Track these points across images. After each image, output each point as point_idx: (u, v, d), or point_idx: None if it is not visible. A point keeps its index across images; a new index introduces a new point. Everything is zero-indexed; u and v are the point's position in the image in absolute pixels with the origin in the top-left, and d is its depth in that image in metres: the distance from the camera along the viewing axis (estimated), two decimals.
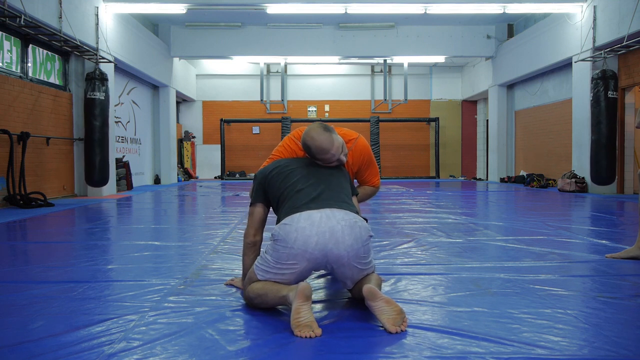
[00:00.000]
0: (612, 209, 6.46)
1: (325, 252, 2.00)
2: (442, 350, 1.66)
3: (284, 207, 2.18)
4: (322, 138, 2.27)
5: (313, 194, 2.17)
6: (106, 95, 8.64)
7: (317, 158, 2.32)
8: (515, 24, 13.10)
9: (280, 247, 2.03)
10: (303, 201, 2.14)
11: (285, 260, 2.03)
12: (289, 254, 2.01)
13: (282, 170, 2.31)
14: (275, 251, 2.05)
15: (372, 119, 15.90)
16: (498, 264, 2.99)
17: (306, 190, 2.19)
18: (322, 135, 2.28)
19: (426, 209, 6.33)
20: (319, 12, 10.81)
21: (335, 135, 2.31)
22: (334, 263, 2.03)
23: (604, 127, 8.59)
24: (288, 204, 2.17)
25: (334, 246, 2.00)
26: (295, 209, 2.12)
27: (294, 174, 2.28)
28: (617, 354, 1.64)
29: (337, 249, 2.00)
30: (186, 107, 16.49)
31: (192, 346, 1.71)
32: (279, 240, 2.05)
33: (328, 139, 2.28)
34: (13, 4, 6.33)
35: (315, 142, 2.27)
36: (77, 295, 2.36)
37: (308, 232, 2.00)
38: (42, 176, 7.89)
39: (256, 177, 2.38)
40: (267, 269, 2.08)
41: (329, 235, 2.00)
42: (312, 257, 2.01)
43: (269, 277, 2.07)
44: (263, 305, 2.06)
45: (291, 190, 2.21)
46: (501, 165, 13.77)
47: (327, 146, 2.27)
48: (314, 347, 1.70)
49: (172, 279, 2.65)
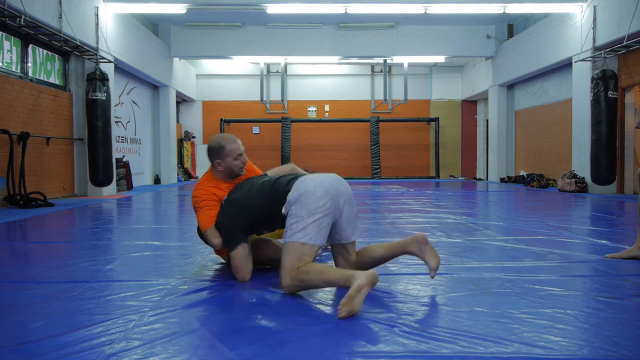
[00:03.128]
0: (612, 209, 6.46)
1: (337, 189, 2.40)
2: (442, 350, 1.66)
3: (275, 200, 2.47)
4: (223, 134, 2.75)
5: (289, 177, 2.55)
6: (107, 96, 8.65)
7: (229, 149, 2.65)
8: (515, 24, 13.10)
9: (305, 199, 2.32)
10: (288, 178, 2.51)
11: (315, 205, 2.30)
12: (316, 198, 2.32)
13: (243, 198, 2.54)
14: (303, 206, 2.31)
15: (372, 119, 15.90)
16: (498, 264, 2.99)
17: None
18: (223, 134, 2.76)
19: (426, 209, 6.32)
20: (319, 12, 10.82)
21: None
22: (345, 199, 2.40)
23: (604, 127, 8.59)
24: (278, 192, 2.47)
25: (340, 185, 2.43)
26: (291, 181, 2.47)
27: (254, 192, 2.56)
28: (617, 354, 1.64)
29: (344, 188, 2.44)
30: (186, 107, 16.49)
31: (192, 346, 1.71)
32: (302, 195, 2.33)
33: (228, 134, 2.76)
34: (13, 4, 6.33)
35: (223, 136, 2.71)
36: (77, 295, 2.36)
37: (319, 179, 2.40)
38: (42, 176, 7.89)
39: (223, 224, 2.54)
40: (309, 230, 2.27)
41: (334, 179, 2.44)
42: (331, 193, 2.36)
43: (314, 239, 2.28)
44: (313, 284, 2.23)
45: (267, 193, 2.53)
46: (501, 165, 13.77)
47: (231, 136, 2.72)
48: (319, 346, 1.70)
49: (172, 279, 2.65)
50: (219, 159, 2.66)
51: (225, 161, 2.66)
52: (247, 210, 2.50)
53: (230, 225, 2.53)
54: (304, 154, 16.52)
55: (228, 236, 2.53)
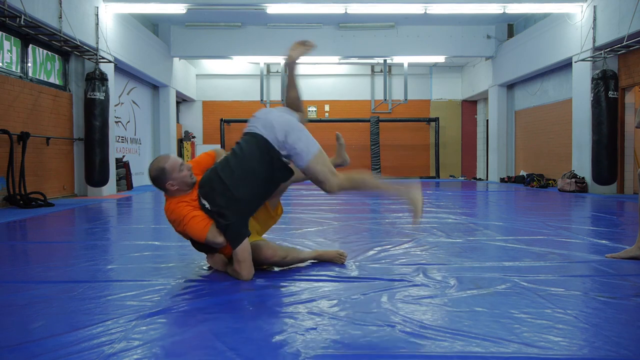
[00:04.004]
0: (612, 209, 6.46)
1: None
2: (442, 351, 1.66)
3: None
4: (156, 158, 2.71)
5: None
6: (106, 95, 8.64)
7: (170, 167, 2.62)
8: (515, 24, 13.10)
9: (288, 124, 2.62)
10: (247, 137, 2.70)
11: (295, 122, 2.68)
12: (288, 118, 2.69)
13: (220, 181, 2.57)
14: (291, 130, 2.59)
15: (372, 119, 15.90)
16: (498, 264, 2.99)
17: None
18: (156, 159, 2.71)
19: (426, 209, 6.32)
20: (319, 12, 10.81)
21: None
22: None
23: (605, 127, 8.59)
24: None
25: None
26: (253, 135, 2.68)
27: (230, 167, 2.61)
28: (617, 354, 1.64)
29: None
30: (186, 107, 16.49)
31: (192, 346, 1.71)
32: (282, 124, 2.62)
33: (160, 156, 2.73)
34: (13, 4, 6.33)
35: (157, 160, 2.68)
36: (77, 295, 2.36)
37: (266, 113, 2.78)
38: (42, 176, 7.89)
39: (233, 222, 2.54)
40: (312, 139, 2.63)
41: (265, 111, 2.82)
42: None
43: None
44: (367, 188, 2.72)
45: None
46: (501, 165, 13.77)
47: (164, 155, 2.73)
48: (318, 345, 1.70)
49: (172, 279, 2.65)
50: (168, 181, 2.61)
51: (173, 178, 2.61)
52: (262, 186, 2.62)
53: (239, 221, 2.54)
54: None
55: (236, 231, 2.54)
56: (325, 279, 2.65)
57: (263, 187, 2.63)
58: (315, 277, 2.68)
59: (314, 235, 4.13)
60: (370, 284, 2.53)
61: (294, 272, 2.80)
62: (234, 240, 2.55)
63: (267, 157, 2.58)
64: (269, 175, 2.61)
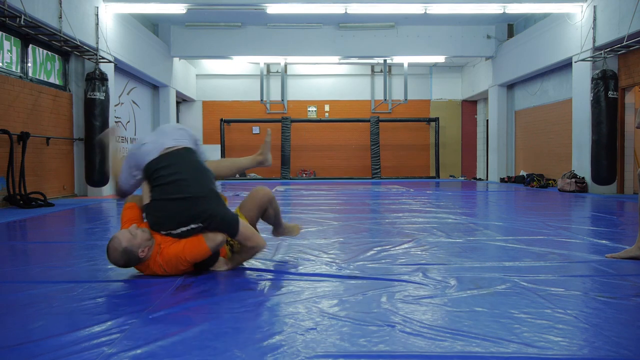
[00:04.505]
0: (612, 209, 6.46)
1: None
2: (441, 350, 1.66)
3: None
4: (113, 246, 2.56)
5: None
6: (106, 95, 8.65)
7: (136, 249, 2.53)
8: (515, 24, 13.10)
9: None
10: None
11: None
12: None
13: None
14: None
15: (372, 119, 15.90)
16: (498, 264, 2.99)
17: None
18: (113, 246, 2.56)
19: (426, 209, 6.32)
20: (319, 12, 10.82)
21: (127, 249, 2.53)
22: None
23: (605, 127, 8.59)
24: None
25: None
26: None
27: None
28: (617, 354, 1.64)
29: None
30: (186, 107, 16.49)
31: (192, 346, 1.71)
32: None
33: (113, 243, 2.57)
34: (13, 4, 6.33)
35: (121, 249, 2.53)
36: (77, 295, 2.36)
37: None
38: (42, 176, 7.89)
39: (222, 212, 2.64)
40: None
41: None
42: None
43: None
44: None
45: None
46: (501, 165, 13.77)
47: (117, 242, 2.54)
48: (318, 344, 1.70)
49: (172, 278, 2.64)
50: (137, 251, 2.52)
51: (138, 245, 2.51)
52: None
53: (224, 209, 2.64)
54: (304, 154, 16.52)
55: (228, 219, 2.60)
56: (325, 279, 2.65)
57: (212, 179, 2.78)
58: (315, 277, 2.68)
59: (314, 235, 4.13)
60: (370, 284, 2.53)
61: (294, 272, 2.80)
62: (232, 226, 2.59)
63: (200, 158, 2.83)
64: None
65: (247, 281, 2.62)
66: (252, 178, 15.74)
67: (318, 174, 16.48)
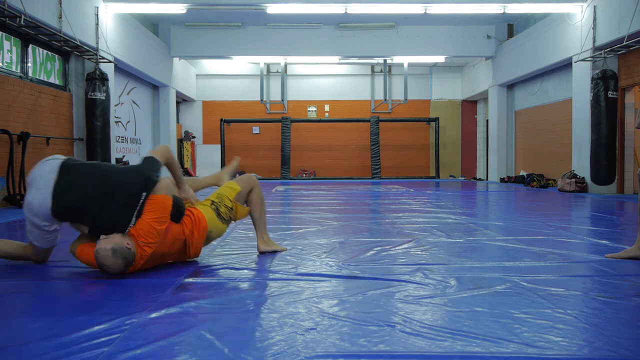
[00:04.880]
0: (612, 209, 6.46)
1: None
2: (441, 350, 1.66)
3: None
4: (104, 258, 2.54)
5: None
6: (107, 96, 8.66)
7: (121, 247, 2.56)
8: (515, 24, 13.10)
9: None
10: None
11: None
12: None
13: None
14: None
15: (372, 119, 15.91)
16: (498, 264, 2.99)
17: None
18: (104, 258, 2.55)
19: (426, 209, 6.32)
20: (319, 12, 10.82)
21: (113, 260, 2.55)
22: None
23: (604, 127, 8.59)
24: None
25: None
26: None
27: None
28: (617, 354, 1.64)
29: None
30: (186, 107, 16.50)
31: (192, 346, 1.71)
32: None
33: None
34: (13, 4, 6.33)
35: (112, 262, 2.55)
36: (77, 295, 2.36)
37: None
38: None
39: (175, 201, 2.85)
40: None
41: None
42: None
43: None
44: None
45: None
46: (501, 165, 13.77)
47: (107, 254, 2.54)
48: (318, 343, 1.70)
49: (172, 278, 2.65)
50: (125, 244, 2.57)
51: (129, 244, 2.58)
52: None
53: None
54: (304, 154, 16.52)
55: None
56: (325, 279, 2.65)
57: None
58: (315, 277, 2.68)
59: (314, 235, 4.13)
60: (370, 284, 2.53)
61: (294, 272, 2.80)
62: (150, 178, 2.74)
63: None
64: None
65: (247, 281, 2.62)
66: None
67: (318, 174, 16.48)
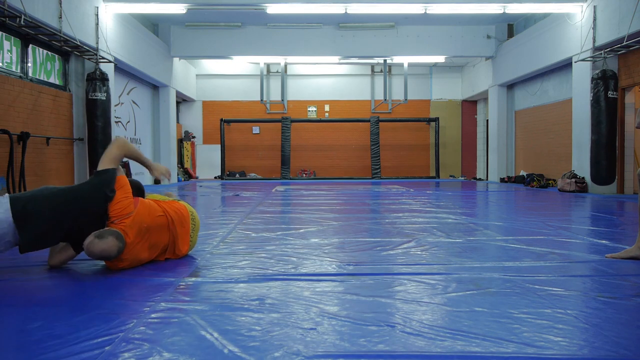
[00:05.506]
0: (612, 209, 6.46)
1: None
2: (441, 350, 1.66)
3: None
4: (103, 248, 2.64)
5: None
6: (107, 96, 8.66)
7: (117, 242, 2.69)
8: (515, 24, 13.10)
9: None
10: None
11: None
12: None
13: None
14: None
15: (372, 119, 15.91)
16: (498, 264, 2.99)
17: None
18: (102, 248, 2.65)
19: (426, 209, 6.32)
20: (319, 12, 10.82)
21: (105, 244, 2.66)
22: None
23: (604, 127, 8.59)
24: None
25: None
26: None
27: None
28: (617, 354, 1.64)
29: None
30: (186, 107, 16.50)
31: (192, 346, 1.71)
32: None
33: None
34: (13, 4, 6.33)
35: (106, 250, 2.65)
36: (77, 295, 2.36)
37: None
38: (42, 176, 7.89)
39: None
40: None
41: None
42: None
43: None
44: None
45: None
46: (501, 165, 13.77)
47: (107, 247, 2.65)
48: (317, 343, 1.70)
49: (172, 278, 2.65)
50: (110, 225, 2.77)
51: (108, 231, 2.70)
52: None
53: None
54: (304, 154, 16.53)
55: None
56: (325, 279, 2.65)
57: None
58: (315, 277, 2.68)
59: (314, 235, 4.13)
60: (370, 284, 2.53)
61: (294, 272, 2.80)
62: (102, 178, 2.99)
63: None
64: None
65: (247, 281, 2.62)
66: (252, 178, 15.75)
67: (318, 174, 16.48)
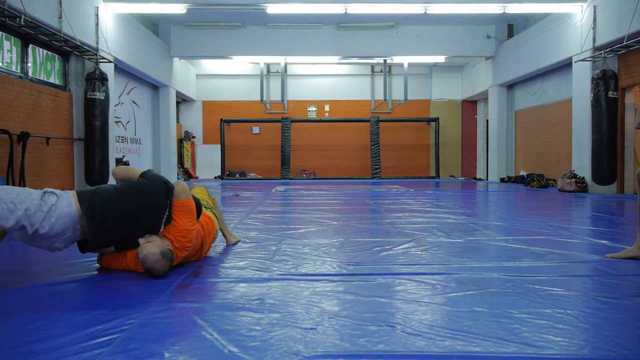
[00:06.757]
0: (612, 209, 6.46)
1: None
2: (441, 350, 1.66)
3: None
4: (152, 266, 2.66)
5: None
6: (106, 95, 8.65)
7: (166, 253, 2.71)
8: (515, 24, 13.10)
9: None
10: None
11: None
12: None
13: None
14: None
15: (372, 119, 15.90)
16: (498, 264, 2.99)
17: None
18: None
19: (426, 209, 6.32)
20: (319, 12, 10.81)
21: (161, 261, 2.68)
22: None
23: (605, 127, 8.59)
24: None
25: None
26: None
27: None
28: (617, 354, 1.64)
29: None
30: (186, 107, 16.50)
31: (192, 346, 1.72)
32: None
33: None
34: (13, 4, 6.33)
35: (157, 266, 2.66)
36: (77, 295, 2.36)
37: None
38: (42, 176, 7.89)
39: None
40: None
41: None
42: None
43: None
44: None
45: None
46: (501, 165, 13.77)
47: (154, 259, 2.66)
48: (317, 342, 1.70)
49: (172, 278, 2.65)
50: (171, 247, 2.76)
51: (169, 245, 2.75)
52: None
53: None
54: (304, 154, 16.52)
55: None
56: (325, 279, 2.65)
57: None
58: (315, 277, 2.68)
59: (314, 235, 4.13)
60: (370, 284, 2.53)
61: (294, 272, 2.80)
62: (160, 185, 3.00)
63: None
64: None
65: (247, 281, 2.62)
66: (252, 178, 15.74)
67: (318, 174, 16.48)
